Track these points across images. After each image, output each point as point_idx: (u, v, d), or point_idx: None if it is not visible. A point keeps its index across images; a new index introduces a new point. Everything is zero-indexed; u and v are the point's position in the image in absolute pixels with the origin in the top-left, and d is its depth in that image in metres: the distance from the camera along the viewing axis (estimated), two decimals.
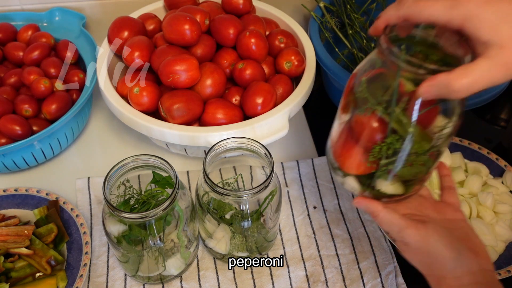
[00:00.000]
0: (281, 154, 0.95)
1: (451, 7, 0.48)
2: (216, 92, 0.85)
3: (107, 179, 0.65)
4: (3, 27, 0.98)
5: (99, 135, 0.98)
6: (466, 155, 0.91)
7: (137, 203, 0.72)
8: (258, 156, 0.71)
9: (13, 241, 0.73)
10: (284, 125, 0.80)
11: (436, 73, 0.48)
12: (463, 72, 0.47)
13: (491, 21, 0.46)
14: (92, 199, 0.85)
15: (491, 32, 0.46)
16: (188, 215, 0.69)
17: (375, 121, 0.56)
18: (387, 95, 0.54)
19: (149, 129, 0.79)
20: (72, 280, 0.73)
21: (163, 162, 0.67)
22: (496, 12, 0.46)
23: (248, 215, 0.70)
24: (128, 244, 0.67)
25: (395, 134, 0.55)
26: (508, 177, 0.87)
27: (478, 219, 0.81)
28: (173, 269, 0.74)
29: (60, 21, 1.04)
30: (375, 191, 0.62)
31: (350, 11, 1.00)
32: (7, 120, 0.82)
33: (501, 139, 1.00)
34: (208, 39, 0.89)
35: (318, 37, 0.96)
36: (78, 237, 0.78)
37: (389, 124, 0.55)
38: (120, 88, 0.85)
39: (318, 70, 0.90)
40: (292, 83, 0.89)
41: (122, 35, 0.87)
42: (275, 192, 0.71)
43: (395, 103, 0.54)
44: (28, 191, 0.83)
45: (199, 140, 0.77)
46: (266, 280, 0.77)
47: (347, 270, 0.78)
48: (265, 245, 0.77)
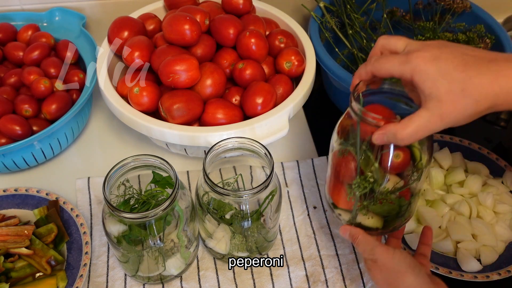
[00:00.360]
0: (281, 154, 0.95)
1: (403, 62, 0.55)
2: (216, 92, 0.85)
3: (107, 179, 0.65)
4: (3, 27, 0.98)
5: (99, 135, 0.98)
6: (466, 155, 0.91)
7: (137, 203, 0.72)
8: (258, 156, 0.71)
9: (13, 241, 0.73)
10: (284, 125, 0.80)
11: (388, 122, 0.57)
12: (406, 122, 0.54)
13: (433, 76, 0.52)
14: (92, 199, 0.85)
15: (432, 86, 0.52)
16: (188, 215, 0.69)
17: (349, 162, 0.64)
18: (353, 139, 0.63)
19: (149, 129, 0.79)
20: (72, 280, 0.73)
21: (163, 162, 0.67)
22: (439, 69, 0.52)
23: (248, 215, 0.70)
24: (128, 244, 0.67)
25: (362, 175, 0.63)
26: (508, 177, 0.87)
27: (478, 219, 0.81)
28: (173, 269, 0.74)
29: (60, 21, 1.04)
30: (357, 223, 0.69)
31: (350, 11, 1.00)
32: (7, 120, 0.82)
33: (501, 139, 1.00)
34: (208, 39, 0.89)
35: (318, 37, 0.96)
36: (78, 237, 0.78)
37: (358, 165, 0.63)
38: (120, 88, 0.85)
39: (318, 70, 0.90)
40: (292, 83, 0.89)
41: (122, 35, 0.87)
42: (275, 192, 0.71)
43: (359, 147, 0.62)
44: (28, 191, 0.83)
45: (199, 140, 0.77)
46: (266, 280, 0.77)
47: (347, 270, 0.78)
48: (265, 245, 0.77)
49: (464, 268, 0.76)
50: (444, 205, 0.82)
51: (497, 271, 0.75)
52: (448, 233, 0.79)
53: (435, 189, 0.85)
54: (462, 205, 0.82)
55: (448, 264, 0.76)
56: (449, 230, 0.79)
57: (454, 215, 0.81)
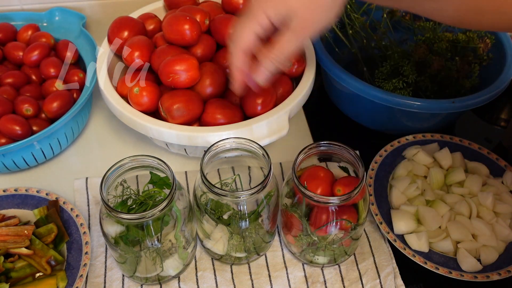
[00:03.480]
0: (281, 154, 0.94)
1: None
2: (216, 92, 0.85)
3: (104, 180, 0.65)
4: (3, 27, 0.99)
5: (99, 135, 0.98)
6: (466, 155, 0.90)
7: (134, 203, 0.72)
8: (256, 157, 0.71)
9: (13, 241, 0.74)
10: (284, 125, 0.80)
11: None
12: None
13: None
14: (90, 199, 0.85)
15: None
16: (186, 215, 0.70)
17: (295, 219, 0.72)
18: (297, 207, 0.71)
19: (149, 129, 0.79)
20: (72, 280, 0.73)
21: (160, 162, 0.67)
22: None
23: (246, 216, 0.70)
24: (126, 245, 0.67)
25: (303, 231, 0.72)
26: (508, 177, 0.86)
27: (478, 219, 0.80)
28: (171, 270, 0.74)
29: (60, 21, 1.04)
30: (306, 259, 0.78)
31: (350, 11, 1.00)
32: (7, 120, 0.83)
33: (501, 139, 1.00)
34: (208, 39, 0.89)
35: (318, 37, 0.95)
36: (78, 237, 0.78)
37: (302, 225, 0.71)
38: (120, 88, 0.85)
39: (318, 70, 0.90)
40: (292, 83, 0.89)
41: (122, 35, 0.88)
42: (272, 192, 0.71)
43: (303, 217, 0.71)
44: (28, 191, 0.84)
45: (198, 140, 0.77)
46: (264, 281, 0.77)
47: (346, 271, 0.78)
48: (263, 245, 0.77)
49: (464, 268, 0.76)
50: (444, 205, 0.82)
51: (497, 271, 0.75)
52: (448, 233, 0.79)
53: (435, 189, 0.85)
54: (462, 205, 0.81)
55: (448, 264, 0.76)
56: (449, 230, 0.79)
57: (454, 215, 0.81)
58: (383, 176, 0.87)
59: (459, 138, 0.92)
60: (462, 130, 1.00)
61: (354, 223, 0.71)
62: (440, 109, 0.86)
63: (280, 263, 0.79)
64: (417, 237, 0.77)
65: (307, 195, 0.67)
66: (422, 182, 0.85)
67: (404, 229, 0.78)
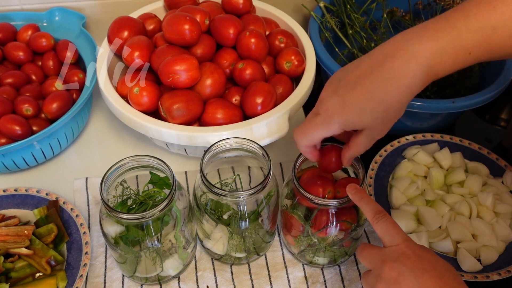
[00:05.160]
0: (281, 154, 0.94)
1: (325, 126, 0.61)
2: (216, 92, 0.85)
3: (104, 180, 0.65)
4: (3, 27, 0.99)
5: (99, 135, 0.98)
6: (466, 155, 0.90)
7: (134, 203, 0.72)
8: (256, 157, 0.71)
9: (13, 241, 0.74)
10: (284, 125, 0.80)
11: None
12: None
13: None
14: (90, 199, 0.85)
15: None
16: (186, 215, 0.70)
17: (295, 220, 0.73)
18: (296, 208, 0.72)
19: (149, 129, 0.79)
20: (72, 280, 0.73)
21: (160, 162, 0.67)
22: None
23: (246, 216, 0.70)
24: (126, 245, 0.67)
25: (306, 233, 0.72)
26: (508, 177, 0.86)
27: (478, 219, 0.80)
28: (171, 270, 0.74)
29: (60, 21, 1.04)
30: (305, 259, 0.78)
31: (350, 11, 1.00)
32: (7, 120, 0.83)
33: (501, 139, 1.00)
34: (208, 39, 0.89)
35: (318, 37, 0.95)
36: (78, 237, 0.78)
37: (304, 228, 0.72)
38: (120, 88, 0.85)
39: (318, 70, 0.90)
40: (292, 83, 0.89)
41: (122, 35, 0.87)
42: (272, 192, 0.71)
43: (302, 220, 0.71)
44: (28, 191, 0.84)
45: (198, 140, 0.77)
46: (264, 281, 0.77)
47: (345, 271, 0.78)
48: (263, 245, 0.77)
49: (464, 268, 0.76)
50: (444, 205, 0.82)
51: (497, 271, 0.75)
52: (448, 233, 0.79)
53: (435, 189, 0.85)
54: (462, 205, 0.81)
55: None
56: (449, 230, 0.79)
57: (454, 215, 0.81)
58: (383, 176, 0.87)
59: (459, 138, 0.92)
60: (462, 130, 1.00)
61: (355, 224, 0.71)
62: (440, 109, 0.86)
63: (280, 263, 0.79)
64: (417, 237, 0.77)
65: (307, 198, 0.67)
66: (422, 182, 0.85)
67: (404, 229, 0.78)
